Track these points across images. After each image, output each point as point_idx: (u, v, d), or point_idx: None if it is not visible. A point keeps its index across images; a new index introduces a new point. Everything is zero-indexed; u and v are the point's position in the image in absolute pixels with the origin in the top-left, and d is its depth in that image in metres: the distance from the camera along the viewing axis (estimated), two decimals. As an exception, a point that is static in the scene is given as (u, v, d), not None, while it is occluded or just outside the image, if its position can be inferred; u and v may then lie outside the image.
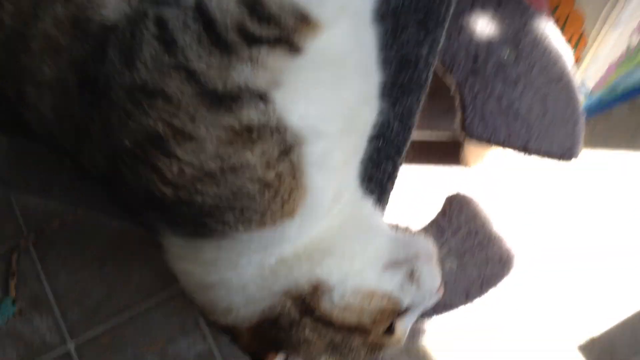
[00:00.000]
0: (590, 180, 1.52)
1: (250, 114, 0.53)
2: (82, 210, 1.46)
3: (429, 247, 0.67)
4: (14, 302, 1.57)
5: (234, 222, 0.56)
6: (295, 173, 0.56)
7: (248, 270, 0.60)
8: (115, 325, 1.53)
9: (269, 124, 0.54)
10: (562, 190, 1.49)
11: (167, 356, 1.50)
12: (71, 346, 1.52)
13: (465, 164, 1.50)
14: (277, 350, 0.63)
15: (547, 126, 1.09)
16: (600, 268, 1.46)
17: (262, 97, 0.54)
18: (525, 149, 1.07)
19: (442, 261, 0.70)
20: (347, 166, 0.66)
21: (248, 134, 0.54)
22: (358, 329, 0.62)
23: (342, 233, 0.64)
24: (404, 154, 0.76)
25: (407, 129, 0.77)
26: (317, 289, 0.60)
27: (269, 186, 0.55)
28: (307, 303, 0.60)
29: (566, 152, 1.06)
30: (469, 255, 1.23)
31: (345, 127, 0.61)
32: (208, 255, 0.60)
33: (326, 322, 0.61)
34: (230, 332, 0.64)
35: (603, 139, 1.56)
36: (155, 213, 0.59)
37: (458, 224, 1.30)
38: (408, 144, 0.76)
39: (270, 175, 0.55)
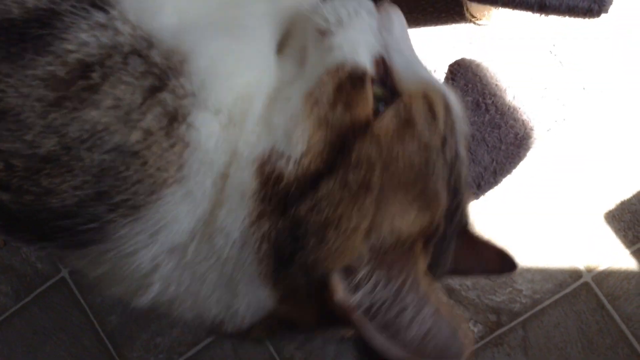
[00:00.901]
0: (616, 45, 1.26)
1: (81, 37, 0.33)
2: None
3: None
4: (-3, 232, 1.47)
5: (107, 215, 0.38)
6: (171, 123, 0.37)
7: (162, 272, 0.42)
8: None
9: (117, 45, 0.34)
10: (586, 49, 1.25)
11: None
12: (65, 272, 1.45)
13: (470, 19, 1.25)
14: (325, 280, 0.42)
15: (570, -31, 0.84)
16: (628, 129, 1.26)
17: (97, 1, 0.34)
18: (542, 6, 0.83)
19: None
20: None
21: (84, 78, 0.34)
22: (338, 146, 0.41)
23: None
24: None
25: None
26: (266, 183, 0.40)
27: (136, 155, 0.36)
28: (279, 203, 0.40)
29: (594, 4, 0.82)
30: (479, 136, 1.05)
31: None
32: (102, 266, 0.42)
33: (311, 183, 0.40)
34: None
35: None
36: (7, 224, 0.39)
37: (464, 98, 1.11)
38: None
39: (135, 136, 0.36)
